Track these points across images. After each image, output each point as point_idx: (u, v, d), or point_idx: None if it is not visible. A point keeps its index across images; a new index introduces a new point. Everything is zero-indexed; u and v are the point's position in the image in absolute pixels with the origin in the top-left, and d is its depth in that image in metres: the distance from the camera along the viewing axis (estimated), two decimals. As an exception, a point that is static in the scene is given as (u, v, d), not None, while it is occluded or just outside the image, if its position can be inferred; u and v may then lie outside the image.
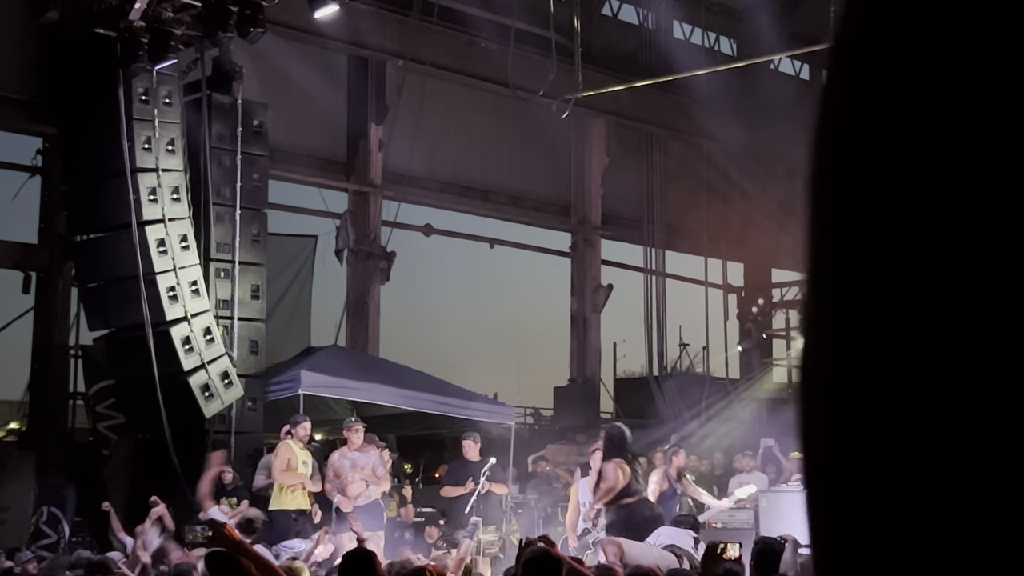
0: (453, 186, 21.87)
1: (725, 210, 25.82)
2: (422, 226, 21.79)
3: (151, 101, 14.15)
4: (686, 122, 23.88)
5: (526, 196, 23.23)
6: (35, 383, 17.16)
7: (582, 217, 23.71)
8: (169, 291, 13.97)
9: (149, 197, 14.01)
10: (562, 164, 23.68)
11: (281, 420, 15.27)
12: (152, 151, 14.11)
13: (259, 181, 15.56)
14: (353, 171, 20.48)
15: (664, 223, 24.78)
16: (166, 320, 13.94)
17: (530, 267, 24.46)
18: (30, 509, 15.48)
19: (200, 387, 13.97)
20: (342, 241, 20.10)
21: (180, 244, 14.16)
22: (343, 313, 20.39)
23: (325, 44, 19.28)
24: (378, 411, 16.85)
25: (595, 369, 23.73)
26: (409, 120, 20.43)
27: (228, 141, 15.18)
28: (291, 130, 18.86)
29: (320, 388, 15.37)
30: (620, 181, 23.65)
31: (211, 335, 14.28)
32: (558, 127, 22.11)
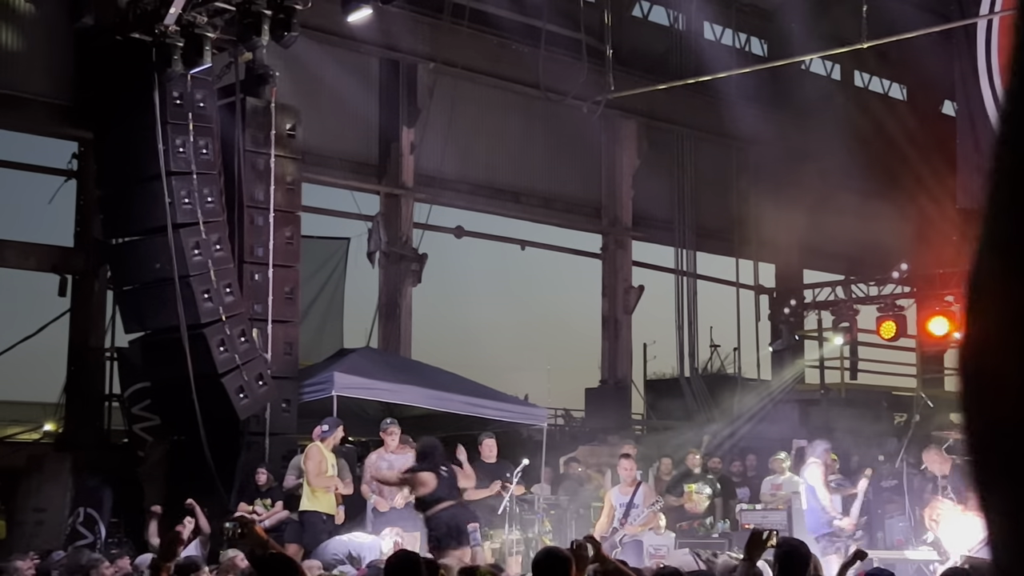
0: (484, 188, 21.92)
1: (756, 211, 25.76)
2: (453, 228, 21.84)
3: (185, 105, 14.24)
4: (717, 123, 23.85)
5: (557, 198, 23.25)
6: (71, 385, 17.31)
7: (613, 218, 23.72)
8: (204, 293, 14.05)
9: (184, 200, 14.10)
10: (593, 166, 23.70)
11: (314, 421, 15.36)
12: (186, 154, 14.20)
13: (292, 184, 15.65)
14: (385, 173, 20.56)
15: (695, 224, 24.76)
16: (201, 322, 14.01)
17: (561, 269, 24.48)
18: (67, 510, 15.62)
19: (235, 388, 14.05)
20: (374, 243, 20.18)
21: (215, 246, 14.25)
22: (375, 315, 20.48)
23: (357, 47, 19.38)
24: (410, 412, 16.91)
25: (626, 370, 23.73)
26: (440, 122, 20.51)
27: (261, 144, 15.28)
28: (323, 133, 18.96)
29: (353, 390, 15.44)
30: (651, 182, 23.64)
31: (245, 337, 14.36)
32: (589, 129, 22.16)
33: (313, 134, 17.51)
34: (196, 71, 14.23)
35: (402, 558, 6.52)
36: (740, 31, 25.54)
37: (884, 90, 28.93)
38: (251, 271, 15.07)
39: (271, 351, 15.01)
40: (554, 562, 6.04)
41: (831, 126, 22.85)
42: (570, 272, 24.65)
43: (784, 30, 23.39)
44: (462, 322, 23.82)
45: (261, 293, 15.10)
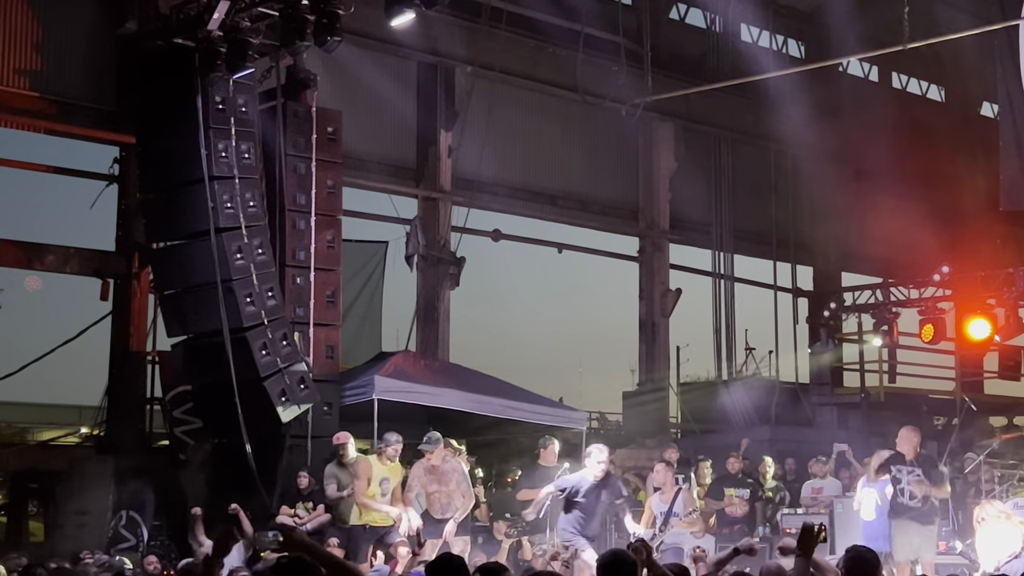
0: (522, 191, 21.91)
1: (794, 213, 25.67)
2: (491, 231, 21.84)
3: (228, 110, 14.28)
4: (754, 125, 23.78)
5: (594, 200, 23.23)
6: (112, 389, 17.40)
7: (650, 221, 23.67)
8: (246, 297, 14.09)
9: (226, 204, 14.14)
10: (630, 168, 23.66)
11: (354, 425, 15.39)
12: (229, 159, 14.25)
13: (333, 188, 15.69)
14: (423, 177, 20.59)
15: (732, 227, 24.68)
16: (243, 326, 14.06)
17: (598, 272, 24.46)
18: (109, 513, 15.71)
19: (277, 392, 14.08)
20: (412, 247, 20.20)
21: (257, 250, 14.29)
22: (413, 318, 20.50)
23: (395, 51, 19.41)
24: (451, 415, 16.91)
25: (663, 374, 23.67)
26: (478, 126, 20.52)
27: (303, 148, 15.32)
28: (361, 136, 18.98)
29: (393, 393, 15.45)
30: (688, 185, 23.58)
31: (287, 340, 14.40)
32: (626, 131, 22.14)
33: (352, 137, 17.54)
34: (239, 76, 14.27)
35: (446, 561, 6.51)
36: (777, 33, 25.45)
37: (922, 91, 28.77)
38: (293, 275, 15.11)
39: (312, 354, 15.04)
40: (621, 564, 6.04)
41: (869, 128, 22.75)
42: (607, 275, 24.63)
43: (822, 31, 23.33)
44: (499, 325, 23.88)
45: (303, 296, 15.14)
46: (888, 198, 23.06)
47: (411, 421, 17.03)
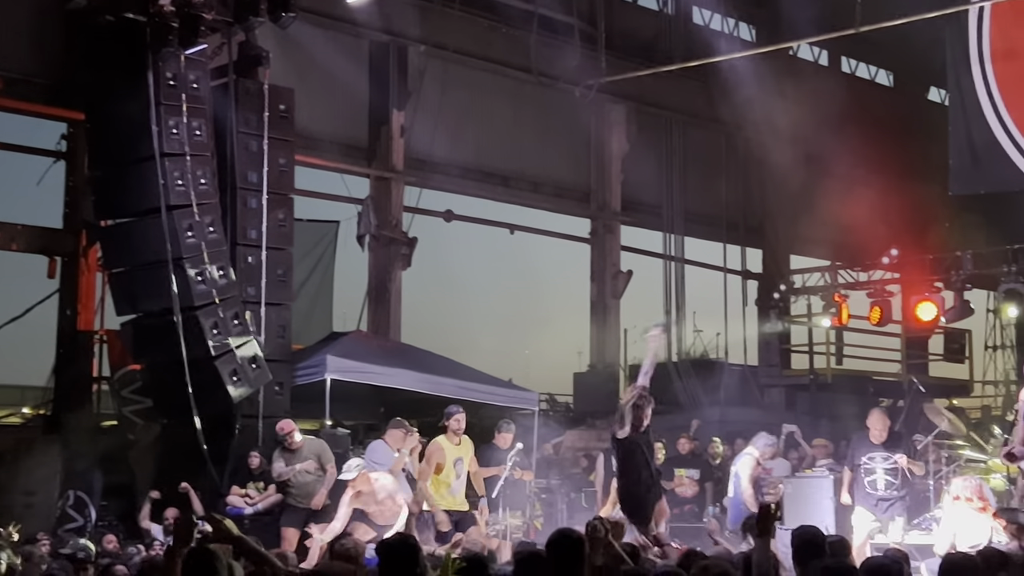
0: (474, 172, 21.85)
1: (744, 196, 25.82)
2: (443, 212, 21.78)
3: (179, 86, 14.11)
4: (706, 108, 23.88)
5: (547, 182, 23.22)
6: (60, 368, 17.20)
7: (602, 203, 23.71)
8: (197, 276, 13.96)
9: (177, 182, 13.99)
10: (583, 150, 23.67)
11: (306, 405, 15.33)
12: (180, 136, 14.08)
13: (285, 166, 15.55)
14: (375, 156, 20.48)
15: (683, 209, 24.78)
16: (194, 304, 13.93)
17: (550, 253, 24.46)
18: (56, 493, 15.54)
19: (228, 372, 13.98)
20: (364, 227, 20.10)
21: (208, 228, 14.15)
22: (365, 298, 20.41)
23: (348, 29, 19.28)
24: (402, 396, 16.87)
25: (614, 355, 23.75)
26: (431, 106, 20.44)
27: (255, 126, 15.17)
28: (313, 115, 18.84)
29: (345, 373, 15.39)
30: (640, 167, 23.63)
31: (239, 319, 14.29)
32: (579, 113, 22.14)
33: (304, 116, 17.40)
34: (190, 52, 14.12)
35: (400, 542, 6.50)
36: (729, 16, 25.52)
37: (871, 76, 29.00)
38: (244, 253, 14.98)
39: (264, 334, 14.94)
40: (569, 543, 6.06)
41: (819, 112, 22.88)
42: (559, 256, 24.64)
43: (773, 15, 23.41)
44: (451, 306, 23.79)
45: (254, 276, 15.01)
46: (837, 182, 23.23)
47: (363, 401, 17.01)
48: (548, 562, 6.09)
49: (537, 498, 15.74)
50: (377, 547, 6.05)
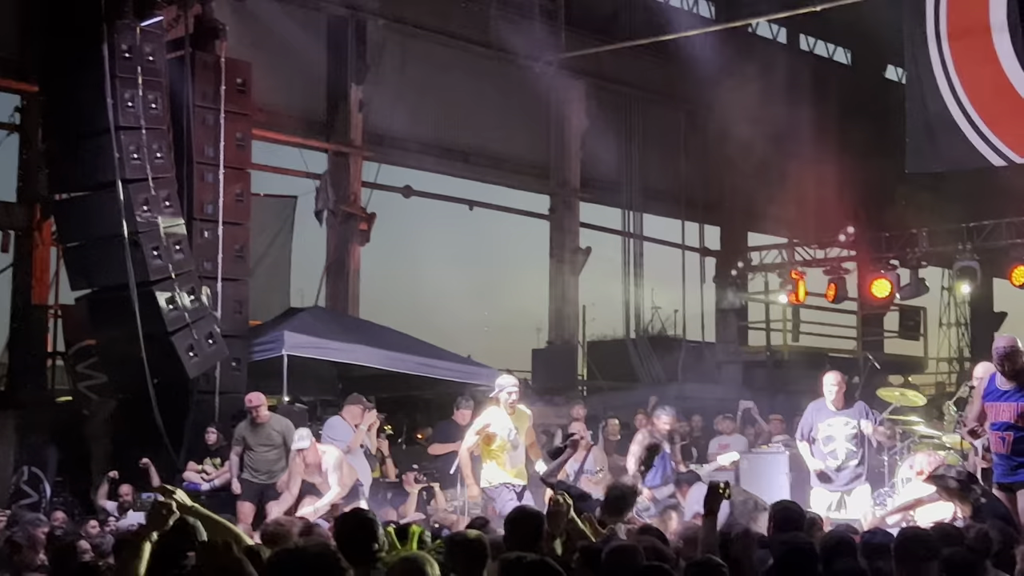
0: (433, 148, 21.77)
1: (702, 173, 25.89)
2: (402, 187, 21.71)
3: (134, 58, 13.93)
4: (665, 84, 23.93)
5: (506, 158, 23.18)
6: (14, 343, 17.05)
7: (561, 180, 23.70)
8: (153, 250, 13.84)
9: (132, 155, 13.84)
10: (542, 127, 23.64)
11: (264, 381, 15.26)
12: (135, 109, 13.91)
13: (242, 140, 15.45)
14: (333, 131, 20.37)
15: (642, 186, 24.82)
16: (150, 279, 13.81)
17: (509, 229, 24.46)
18: (10, 469, 15.39)
19: (185, 347, 13.89)
20: (322, 202, 20.00)
21: (164, 203, 14.02)
22: (323, 274, 20.33)
23: (306, 2, 19.17)
24: (360, 372, 16.85)
25: (573, 331, 23.79)
26: (390, 80, 20.35)
27: (211, 100, 15.05)
28: (271, 89, 18.67)
29: (303, 349, 15.34)
30: (599, 144, 23.63)
31: (195, 295, 14.19)
32: (539, 89, 22.09)
33: (261, 90, 17.27)
34: (146, 24, 13.96)
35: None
36: (689, -7, 25.55)
37: (829, 54, 29.12)
38: (201, 228, 14.89)
39: (221, 309, 14.87)
40: (528, 519, 6.09)
41: (777, 89, 22.97)
42: (518, 233, 24.63)
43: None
44: (410, 281, 23.73)
45: (211, 251, 14.93)
46: (795, 159, 23.34)
47: (321, 377, 16.97)
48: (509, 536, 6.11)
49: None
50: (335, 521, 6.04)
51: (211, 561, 3.54)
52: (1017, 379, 9.12)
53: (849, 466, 11.56)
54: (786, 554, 5.67)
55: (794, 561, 5.63)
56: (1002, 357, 9.11)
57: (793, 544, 5.81)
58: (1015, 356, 9.15)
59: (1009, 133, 15.48)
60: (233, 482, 13.27)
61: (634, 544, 5.72)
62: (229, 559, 3.46)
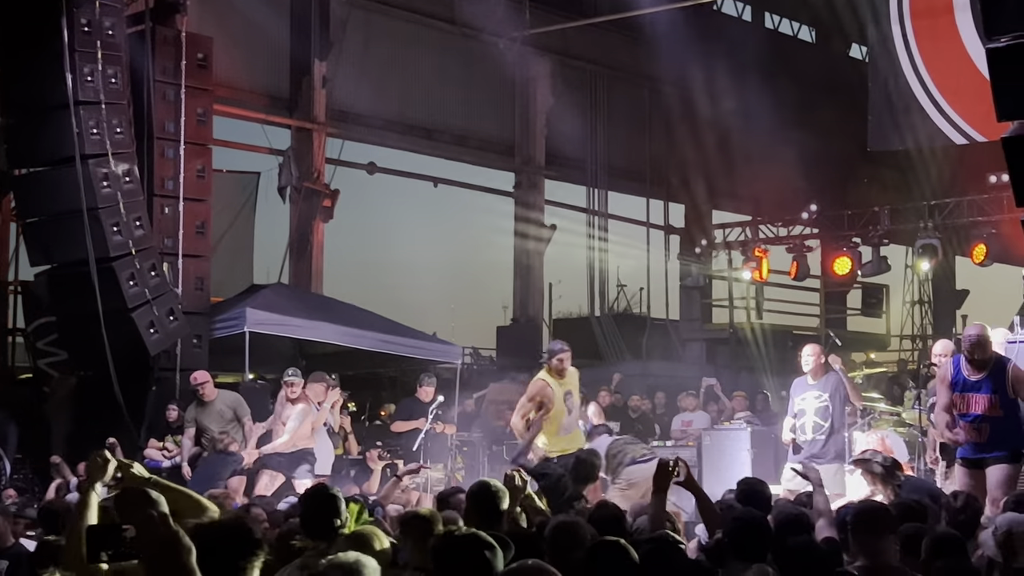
0: (397, 124, 21.68)
1: (667, 151, 25.91)
2: (366, 164, 21.62)
3: (94, 33, 13.79)
4: (630, 62, 23.90)
5: (471, 135, 23.12)
6: (-27, 319, 16.90)
7: (526, 157, 23.66)
8: (113, 226, 13.74)
9: (92, 131, 13.73)
10: (507, 104, 23.58)
11: (226, 358, 15.21)
12: (95, 83, 13.79)
13: (203, 116, 15.36)
14: (297, 107, 20.24)
15: (607, 164, 24.82)
16: (110, 256, 13.72)
17: (474, 207, 24.43)
18: (-30, 446, 15.29)
19: (145, 324, 13.81)
20: (285, 178, 19.90)
21: (124, 179, 13.92)
22: (286, 251, 20.23)
23: (269, -23, 19.00)
24: (323, 349, 16.80)
25: (537, 309, 23.81)
26: (354, 57, 20.24)
27: (172, 75, 14.96)
28: (233, 65, 18.56)
29: (265, 326, 15.28)
30: (564, 121, 23.60)
31: (156, 271, 14.11)
32: (504, 66, 22.02)
33: (223, 66, 17.15)
34: (106, -2, 13.83)
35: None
36: (654, -30, 25.47)
37: (794, 32, 29.17)
38: (162, 204, 14.82)
39: (182, 286, 14.81)
40: (488, 494, 6.10)
41: (742, 67, 23.00)
42: (483, 210, 24.60)
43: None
44: (374, 259, 23.70)
45: (172, 227, 14.86)
46: (759, 137, 23.37)
47: (284, 355, 16.91)
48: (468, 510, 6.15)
49: (459, 451, 15.76)
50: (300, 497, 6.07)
51: (148, 533, 3.52)
52: (985, 368, 9.13)
53: (818, 440, 11.10)
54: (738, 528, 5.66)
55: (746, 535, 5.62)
56: (973, 345, 9.10)
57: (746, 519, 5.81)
58: (986, 345, 9.17)
59: (971, 111, 15.54)
60: (184, 467, 13.18)
61: (578, 520, 5.72)
62: (166, 531, 3.44)
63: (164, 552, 3.44)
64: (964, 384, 9.20)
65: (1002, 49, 7.53)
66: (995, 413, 9.10)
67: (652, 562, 4.97)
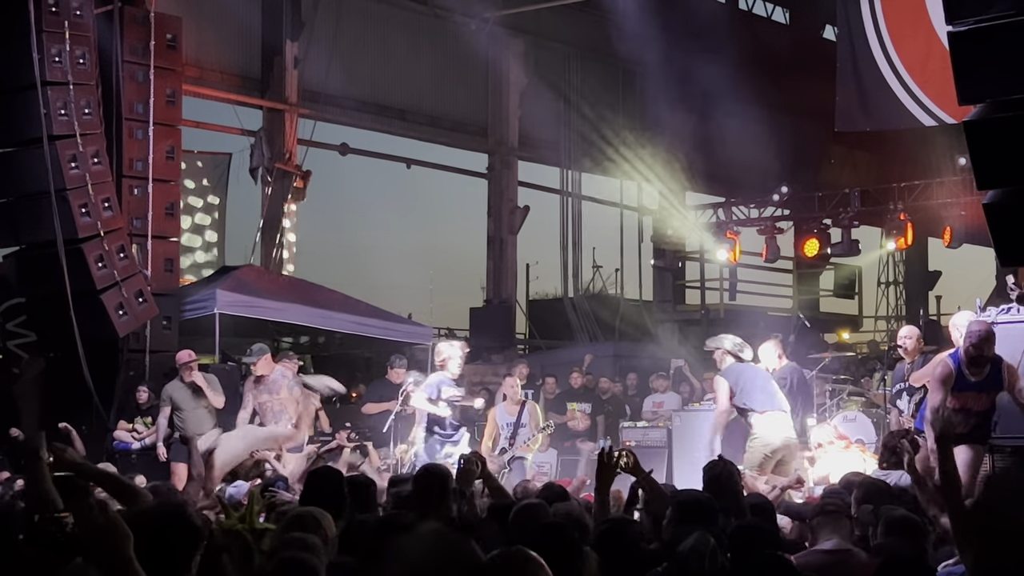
0: (370, 105, 21.63)
1: (641, 133, 25.90)
2: (338, 145, 21.58)
3: (61, 13, 13.71)
4: (603, 43, 23.83)
5: (444, 116, 23.07)
6: (-58, 301, 16.76)
7: (500, 138, 23.64)
8: (81, 207, 13.69)
9: (60, 111, 13.66)
10: (480, 84, 23.53)
11: (196, 340, 15.16)
12: (63, 64, 13.72)
13: (172, 97, 15.27)
14: (268, 88, 20.17)
15: (581, 145, 24.81)
16: (78, 237, 13.68)
17: (447, 188, 24.43)
18: (-61, 427, 15.21)
19: (114, 305, 13.78)
20: (256, 159, 19.84)
21: (92, 160, 13.86)
22: (257, 232, 20.19)
23: (239, -43, 18.91)
24: (294, 331, 16.80)
25: (511, 290, 23.83)
26: (325, 37, 20.14)
27: (141, 55, 14.87)
28: (204, 45, 18.51)
29: (236, 307, 15.27)
30: (538, 102, 23.60)
31: (124, 253, 14.07)
32: (476, 47, 21.97)
33: (193, 46, 17.10)
34: (72, -23, 13.74)
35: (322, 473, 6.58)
36: (627, -51, 25.42)
37: (768, 13, 29.17)
38: (131, 186, 14.77)
39: (151, 268, 14.76)
40: (432, 478, 6.11)
41: (715, 48, 22.98)
42: (456, 192, 24.63)
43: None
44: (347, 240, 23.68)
45: (141, 208, 14.81)
46: (732, 119, 23.37)
47: (254, 336, 16.87)
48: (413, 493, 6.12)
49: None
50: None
51: (85, 520, 3.51)
52: (986, 367, 8.88)
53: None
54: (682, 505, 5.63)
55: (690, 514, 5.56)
56: (982, 340, 8.75)
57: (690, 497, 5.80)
58: (992, 340, 8.83)
59: (940, 93, 15.59)
60: (159, 447, 13.18)
61: (541, 502, 5.75)
62: (104, 518, 3.42)
63: (102, 540, 3.42)
64: (966, 385, 8.90)
65: (964, 33, 7.54)
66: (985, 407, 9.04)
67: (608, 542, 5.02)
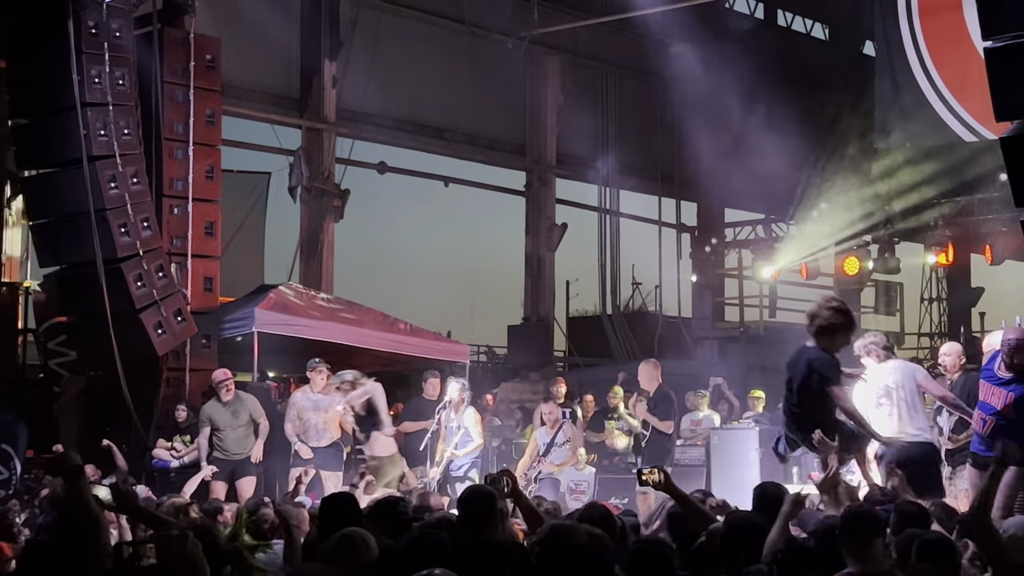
0: (408, 124, 21.72)
1: (679, 149, 25.84)
2: (376, 164, 21.67)
3: (101, 35, 13.85)
4: (640, 60, 23.82)
5: (481, 134, 23.13)
6: (-15, 320, 16.95)
7: (537, 156, 23.66)
8: (121, 227, 13.79)
9: (99, 132, 13.78)
10: (517, 102, 23.58)
11: (235, 358, 15.24)
12: (102, 85, 13.85)
13: (212, 117, 15.38)
14: (307, 108, 20.30)
15: (618, 162, 24.79)
16: (118, 256, 13.78)
17: (485, 206, 24.48)
18: (-19, 447, 15.35)
19: (153, 324, 13.87)
20: (295, 178, 19.96)
21: (132, 180, 13.97)
22: (296, 251, 20.29)
23: (278, -22, 19.05)
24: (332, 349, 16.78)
25: (549, 308, 23.81)
26: (363, 56, 20.27)
27: (180, 76, 14.99)
28: (243, 65, 18.65)
29: (274, 326, 15.31)
30: (575, 120, 23.60)
31: (163, 272, 14.17)
32: (513, 65, 22.06)
33: (233, 67, 17.20)
34: (112, 0, 13.87)
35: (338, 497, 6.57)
36: (665, -33, 25.41)
37: (807, 29, 29.06)
38: (170, 205, 14.86)
39: (190, 286, 14.84)
40: (480, 499, 6.09)
41: (754, 65, 22.92)
42: (493, 209, 24.66)
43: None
44: (385, 259, 23.74)
45: (181, 228, 14.91)
46: (771, 135, 23.27)
47: (292, 355, 16.93)
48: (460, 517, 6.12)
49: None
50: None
51: (167, 554, 3.54)
52: (1016, 371, 9.07)
53: None
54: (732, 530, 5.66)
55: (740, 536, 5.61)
56: (1013, 349, 9.03)
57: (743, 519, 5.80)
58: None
59: (980, 109, 15.42)
60: (203, 466, 13.23)
61: (575, 524, 5.73)
62: (184, 552, 3.46)
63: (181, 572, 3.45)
64: (993, 378, 9.19)
65: (1001, 48, 7.50)
66: (1009, 413, 9.05)
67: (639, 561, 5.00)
